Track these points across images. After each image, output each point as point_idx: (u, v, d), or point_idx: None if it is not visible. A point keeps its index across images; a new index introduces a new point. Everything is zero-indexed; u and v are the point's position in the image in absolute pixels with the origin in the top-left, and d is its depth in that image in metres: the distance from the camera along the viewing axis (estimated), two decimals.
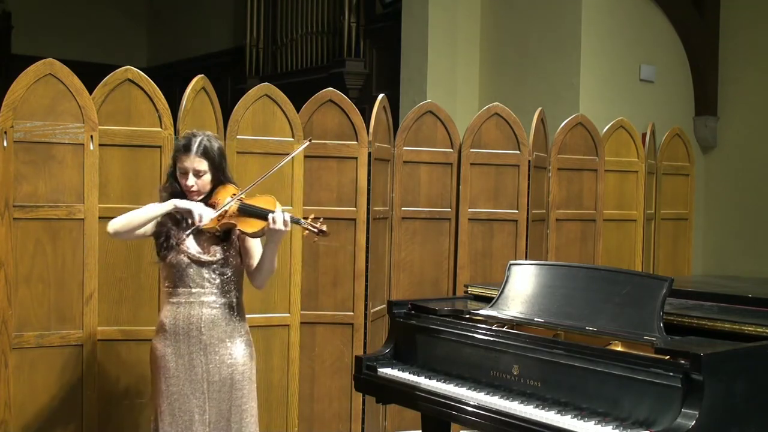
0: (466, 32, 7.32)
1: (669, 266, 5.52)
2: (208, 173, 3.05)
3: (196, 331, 3.04)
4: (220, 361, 3.06)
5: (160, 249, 3.05)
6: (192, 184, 3.03)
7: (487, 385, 3.04)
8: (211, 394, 3.05)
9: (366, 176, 4.42)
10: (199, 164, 3.02)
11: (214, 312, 3.06)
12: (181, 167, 3.04)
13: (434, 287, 4.73)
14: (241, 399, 3.09)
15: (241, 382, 3.09)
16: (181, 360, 3.04)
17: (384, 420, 4.63)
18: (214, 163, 3.05)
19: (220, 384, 3.06)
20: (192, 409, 3.03)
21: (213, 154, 3.04)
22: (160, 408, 3.07)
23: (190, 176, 3.03)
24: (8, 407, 3.59)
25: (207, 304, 3.06)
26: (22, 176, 3.62)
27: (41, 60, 3.70)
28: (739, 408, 2.59)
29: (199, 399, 3.04)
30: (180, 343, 3.05)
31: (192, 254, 3.04)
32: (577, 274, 3.18)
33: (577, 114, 5.22)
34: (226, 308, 3.09)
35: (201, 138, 3.05)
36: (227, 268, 3.08)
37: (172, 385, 3.04)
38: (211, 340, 3.05)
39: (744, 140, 6.93)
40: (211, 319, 3.05)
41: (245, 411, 3.10)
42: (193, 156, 3.02)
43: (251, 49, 10.19)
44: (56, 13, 12.12)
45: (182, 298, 3.06)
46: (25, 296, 3.64)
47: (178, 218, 3.05)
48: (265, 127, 4.27)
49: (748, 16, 6.89)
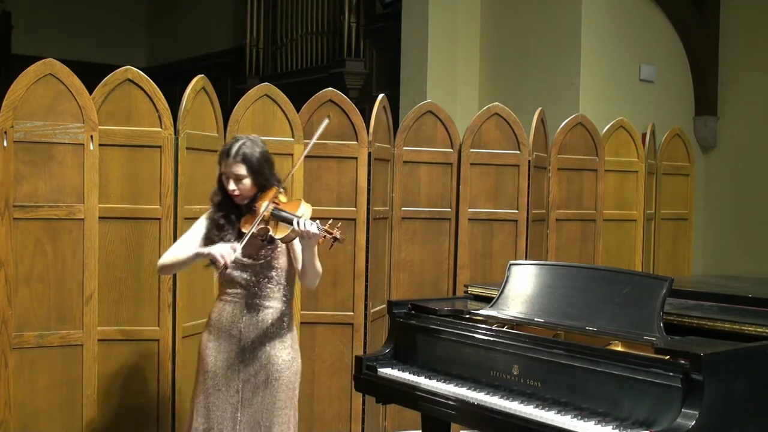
0: (466, 32, 7.32)
1: (669, 266, 5.53)
2: (248, 178, 3.06)
3: (237, 331, 3.09)
4: (257, 364, 3.09)
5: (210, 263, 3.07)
6: (233, 189, 3.06)
7: (487, 385, 3.04)
8: (245, 395, 3.08)
9: (366, 176, 4.42)
10: (238, 169, 3.04)
11: (257, 314, 3.10)
12: (223, 172, 3.09)
13: (434, 287, 4.73)
14: (274, 405, 3.10)
15: (277, 388, 3.10)
16: (221, 356, 3.09)
17: (384, 420, 4.63)
18: (253, 167, 3.05)
19: (255, 386, 3.09)
20: (225, 405, 3.07)
21: (252, 159, 3.05)
22: (197, 399, 3.13)
23: (230, 181, 3.06)
24: (8, 407, 3.59)
25: (251, 306, 3.10)
26: (22, 176, 3.62)
27: (41, 60, 3.70)
28: (739, 408, 2.60)
29: (233, 397, 3.08)
30: (222, 340, 3.10)
31: (239, 259, 3.05)
32: (577, 274, 3.18)
33: (577, 114, 5.22)
34: (270, 311, 3.11)
35: (241, 143, 3.07)
36: (271, 271, 3.10)
37: (209, 380, 3.09)
38: (253, 343, 3.09)
39: (744, 140, 6.93)
40: (254, 322, 3.09)
41: (277, 417, 3.10)
42: (231, 160, 3.04)
43: (251, 49, 10.18)
44: (56, 13, 12.12)
45: (229, 297, 3.12)
46: (25, 296, 3.64)
47: (222, 224, 3.09)
48: (265, 127, 4.27)
49: (748, 16, 6.89)
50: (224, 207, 3.11)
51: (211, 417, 3.07)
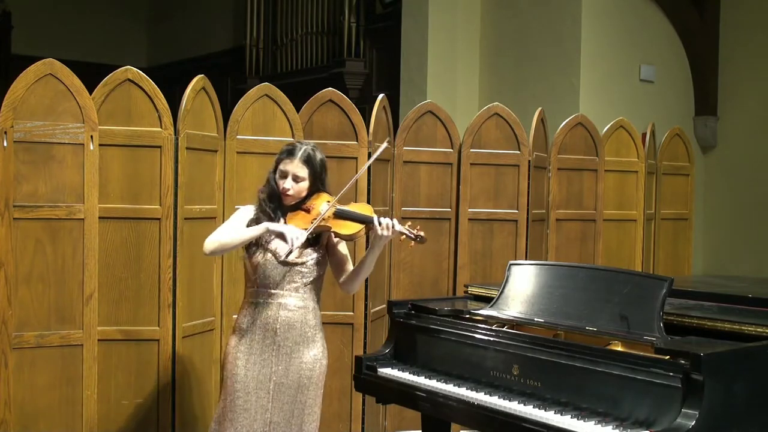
0: (466, 32, 7.32)
1: (669, 266, 5.52)
2: (307, 181, 3.12)
3: (272, 332, 3.10)
4: (291, 364, 3.11)
5: (250, 245, 3.11)
6: (289, 188, 3.10)
7: (487, 385, 3.04)
8: (276, 395, 3.10)
9: (366, 176, 4.42)
10: (300, 170, 3.10)
11: (291, 314, 3.11)
12: (283, 170, 3.12)
13: (434, 287, 4.73)
14: (305, 403, 3.13)
15: (307, 387, 3.13)
16: (252, 358, 3.10)
17: (384, 420, 4.63)
18: (315, 172, 3.14)
19: (287, 386, 3.11)
20: (254, 408, 3.08)
21: (315, 164, 3.13)
22: (224, 403, 3.13)
23: (288, 179, 3.11)
24: (8, 407, 3.59)
25: (285, 306, 3.10)
26: (22, 176, 3.62)
27: (41, 60, 3.69)
28: (739, 408, 2.60)
29: (262, 399, 3.09)
30: (254, 342, 3.10)
31: (279, 255, 3.08)
32: (577, 274, 3.18)
33: (577, 114, 5.22)
34: (304, 312, 3.13)
35: (307, 147, 3.16)
36: (311, 272, 3.13)
37: (237, 382, 3.09)
38: (285, 342, 3.10)
39: (744, 140, 6.94)
40: (288, 322, 3.10)
41: (307, 415, 3.14)
42: (297, 161, 3.10)
43: (251, 49, 10.19)
44: (56, 13, 12.12)
45: (261, 299, 3.12)
46: (25, 296, 3.64)
47: (272, 216, 3.12)
48: (265, 127, 4.27)
49: (748, 16, 6.89)
50: (272, 203, 3.15)
51: (240, 420, 3.07)
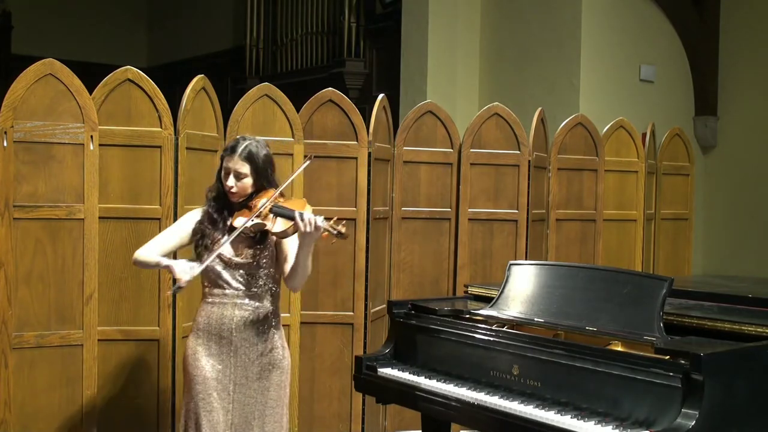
0: (466, 32, 7.32)
1: (669, 266, 5.52)
2: (250, 177, 3.08)
3: (227, 333, 3.08)
4: (250, 365, 3.09)
5: (197, 246, 3.11)
6: (231, 185, 3.07)
7: (487, 385, 3.04)
8: (237, 396, 3.08)
9: (366, 176, 4.42)
10: (242, 167, 3.06)
11: (247, 314, 3.09)
12: (225, 168, 3.10)
13: (434, 287, 4.73)
14: (266, 404, 3.11)
15: (267, 388, 3.12)
16: (211, 360, 3.08)
17: (384, 420, 4.63)
18: (257, 168, 3.08)
19: (247, 387, 3.09)
20: (216, 409, 3.05)
21: (257, 160, 3.08)
22: (187, 406, 3.10)
23: (230, 177, 3.07)
24: (8, 407, 3.59)
25: (239, 306, 3.09)
26: (22, 176, 3.62)
27: (41, 60, 3.70)
28: (739, 408, 2.59)
29: (224, 400, 3.07)
30: (211, 342, 3.08)
31: (224, 256, 3.07)
32: (577, 274, 3.18)
33: (577, 114, 5.22)
34: (259, 311, 3.11)
35: (249, 142, 3.11)
36: (260, 270, 3.11)
37: (198, 384, 3.07)
38: (241, 343, 3.08)
39: (744, 140, 6.93)
40: (243, 322, 3.08)
41: (269, 416, 3.12)
42: (237, 158, 3.06)
43: (251, 49, 10.19)
44: (56, 13, 12.12)
45: (216, 299, 3.10)
46: (25, 296, 3.64)
47: (215, 218, 3.11)
48: (265, 127, 4.27)
49: (748, 16, 6.89)
50: (219, 202, 3.13)
51: (202, 422, 3.04)
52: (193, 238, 3.14)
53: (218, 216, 3.12)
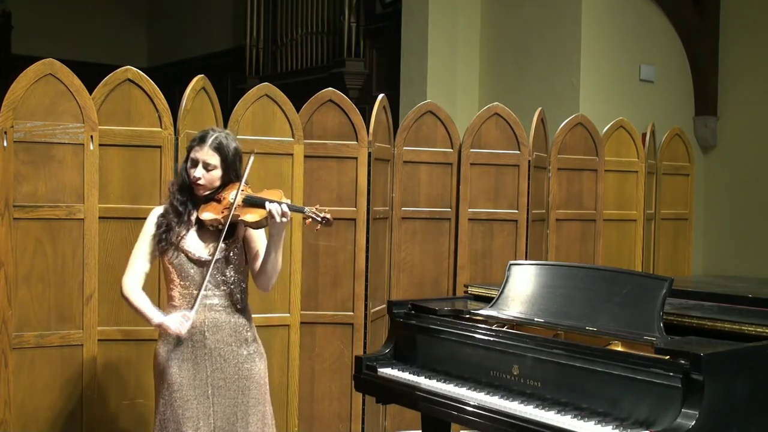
0: (466, 32, 7.32)
1: (669, 266, 5.52)
2: (219, 169, 2.99)
3: (200, 335, 2.98)
4: (226, 366, 3.01)
5: (159, 241, 3.00)
6: (199, 176, 2.97)
7: (487, 385, 3.04)
8: (217, 399, 2.99)
9: (366, 176, 4.42)
10: (211, 158, 2.98)
11: (218, 315, 3.00)
12: (193, 158, 3.00)
13: (434, 287, 4.73)
14: (247, 404, 3.03)
15: (248, 387, 3.03)
16: (185, 365, 2.98)
17: (384, 420, 4.63)
18: (226, 160, 3.00)
19: (226, 389, 3.01)
20: (197, 415, 2.96)
21: (226, 151, 3.00)
22: (163, 415, 2.99)
23: (199, 167, 2.98)
24: (8, 407, 3.59)
25: (210, 307, 3.00)
26: (22, 176, 3.62)
27: (41, 60, 3.70)
28: (739, 408, 2.59)
29: (203, 404, 2.98)
30: (184, 347, 2.97)
31: (191, 253, 2.99)
32: (577, 274, 3.17)
33: (577, 114, 5.22)
34: (230, 311, 3.03)
35: (218, 134, 3.03)
36: (230, 267, 3.02)
37: (175, 392, 2.97)
38: (216, 344, 3.00)
39: (744, 140, 6.93)
40: (216, 323, 3.00)
41: (252, 416, 3.03)
42: (207, 148, 2.98)
43: (251, 49, 10.19)
44: (56, 13, 12.11)
45: (184, 300, 2.99)
46: (25, 296, 3.64)
47: (180, 210, 3.01)
48: (265, 127, 4.27)
49: (748, 16, 6.89)
50: (183, 195, 3.03)
51: (184, 430, 2.95)
52: (157, 231, 3.00)
53: (183, 209, 3.01)
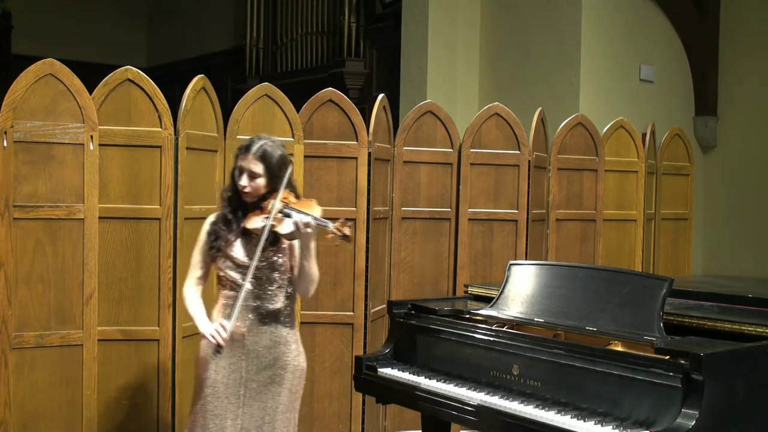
0: (466, 32, 7.32)
1: (669, 266, 5.52)
2: (263, 177, 3.03)
3: (240, 336, 3.03)
4: (262, 369, 3.05)
5: (210, 248, 3.07)
6: (245, 185, 3.02)
7: (487, 385, 3.04)
8: (247, 400, 3.04)
9: (366, 176, 4.42)
10: (255, 166, 3.01)
11: (260, 318, 3.05)
12: (239, 166, 3.05)
13: (434, 287, 4.73)
14: (276, 409, 3.06)
15: (279, 393, 3.07)
16: (222, 363, 3.03)
17: (384, 420, 4.63)
18: (271, 168, 3.03)
19: (258, 392, 3.04)
20: (224, 413, 3.02)
21: (271, 160, 3.03)
22: (195, 406, 3.07)
23: (244, 176, 3.03)
24: (8, 407, 3.59)
25: (254, 309, 3.05)
26: (22, 176, 3.62)
27: (41, 60, 3.69)
28: (739, 408, 2.60)
29: (233, 404, 3.03)
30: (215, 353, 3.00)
31: (237, 259, 3.04)
32: (577, 274, 3.18)
33: (577, 114, 5.22)
34: (274, 315, 3.07)
35: (264, 142, 3.06)
36: (273, 273, 3.06)
37: (208, 387, 3.03)
38: (254, 346, 3.04)
39: (744, 140, 6.93)
40: (257, 326, 3.05)
41: (279, 421, 3.07)
42: (251, 157, 3.02)
43: (251, 49, 10.19)
44: (56, 13, 12.11)
45: (229, 302, 3.05)
46: (25, 296, 3.64)
47: (229, 219, 3.07)
48: (265, 127, 4.26)
49: (748, 16, 6.89)
50: (233, 202, 3.09)
51: (210, 426, 3.01)
52: (208, 239, 3.08)
53: (233, 217, 3.07)
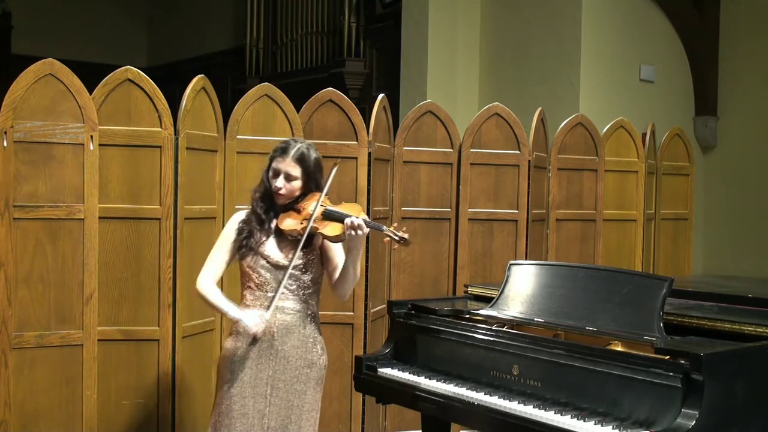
0: (466, 32, 7.33)
1: (669, 266, 5.52)
2: (299, 180, 3.06)
3: (269, 336, 3.04)
4: (289, 368, 3.06)
5: (240, 247, 3.06)
6: (281, 186, 3.04)
7: (487, 385, 3.04)
8: (274, 400, 3.05)
9: (366, 176, 4.42)
10: (293, 169, 3.04)
11: (289, 318, 3.06)
12: (275, 168, 3.07)
13: (434, 287, 4.73)
14: (302, 408, 3.08)
15: (305, 392, 3.08)
16: (249, 362, 3.04)
17: (384, 420, 4.63)
18: (308, 171, 3.06)
19: (285, 391, 3.06)
20: (252, 413, 3.03)
21: (308, 163, 3.06)
22: (219, 408, 3.07)
23: (280, 178, 3.05)
24: (8, 407, 3.58)
25: (282, 310, 3.05)
26: (22, 176, 3.62)
27: (41, 60, 3.69)
28: (739, 408, 2.60)
29: (260, 403, 3.04)
30: (252, 345, 3.04)
31: (270, 258, 3.04)
32: (577, 274, 3.18)
33: (577, 114, 5.22)
34: (302, 315, 3.08)
35: (301, 145, 3.09)
36: (306, 274, 3.08)
37: (234, 387, 3.04)
38: (283, 347, 3.05)
39: (744, 140, 6.94)
40: (285, 326, 3.06)
41: (305, 420, 3.08)
42: (289, 159, 3.04)
43: (251, 49, 10.19)
44: (56, 13, 12.12)
45: (258, 302, 3.06)
46: (25, 296, 3.64)
47: (262, 218, 3.08)
48: (265, 127, 4.27)
49: (748, 16, 6.89)
50: (266, 202, 3.10)
51: (237, 426, 3.02)
52: (238, 237, 3.08)
53: (265, 216, 3.09)
